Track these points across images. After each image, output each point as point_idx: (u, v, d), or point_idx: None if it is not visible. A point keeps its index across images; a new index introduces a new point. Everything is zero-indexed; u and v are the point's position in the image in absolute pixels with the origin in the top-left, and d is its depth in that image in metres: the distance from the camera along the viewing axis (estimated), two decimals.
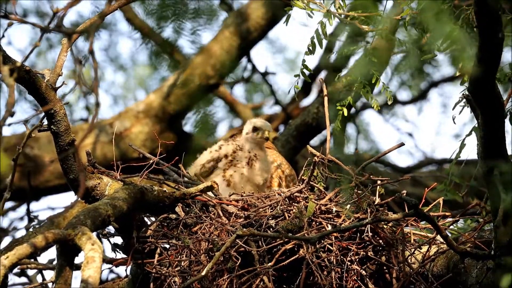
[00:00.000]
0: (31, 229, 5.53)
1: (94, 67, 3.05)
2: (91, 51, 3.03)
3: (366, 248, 3.93)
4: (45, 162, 6.94)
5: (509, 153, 3.63)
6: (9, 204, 6.95)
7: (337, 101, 4.37)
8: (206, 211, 4.05)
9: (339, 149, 4.92)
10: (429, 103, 8.13)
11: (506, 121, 3.64)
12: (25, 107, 7.51)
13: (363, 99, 4.89)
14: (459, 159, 4.49)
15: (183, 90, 6.94)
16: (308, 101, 7.86)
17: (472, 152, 4.08)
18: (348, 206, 4.00)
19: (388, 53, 4.57)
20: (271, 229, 3.94)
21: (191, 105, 7.01)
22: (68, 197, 7.66)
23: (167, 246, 4.00)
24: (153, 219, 4.07)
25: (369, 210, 3.97)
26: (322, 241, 3.90)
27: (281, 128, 7.54)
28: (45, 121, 3.88)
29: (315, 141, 7.19)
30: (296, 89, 4.33)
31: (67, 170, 3.94)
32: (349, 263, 3.90)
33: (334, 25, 4.29)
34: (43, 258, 5.31)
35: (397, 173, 7.52)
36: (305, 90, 7.77)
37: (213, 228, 3.97)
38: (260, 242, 3.88)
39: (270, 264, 3.83)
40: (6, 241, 6.00)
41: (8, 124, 5.74)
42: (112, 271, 5.93)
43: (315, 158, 4.11)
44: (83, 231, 3.32)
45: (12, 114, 2.99)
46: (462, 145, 4.43)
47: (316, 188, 4.12)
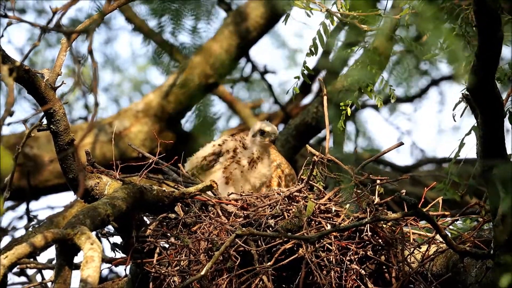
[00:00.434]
0: (31, 229, 5.54)
1: (94, 67, 3.04)
2: (90, 51, 3.02)
3: (366, 248, 3.93)
4: (45, 162, 6.94)
5: (509, 153, 3.63)
6: (9, 204, 6.95)
7: (337, 101, 4.37)
8: (206, 211, 4.04)
9: (339, 149, 4.92)
10: (428, 101, 8.14)
11: (506, 121, 3.64)
12: (25, 107, 7.51)
13: (361, 98, 4.89)
14: (458, 158, 4.49)
15: (183, 90, 6.93)
16: (308, 100, 7.87)
17: (471, 151, 4.08)
18: (348, 205, 4.00)
19: (388, 52, 4.57)
20: (271, 229, 3.94)
21: (191, 105, 7.00)
22: (68, 197, 7.69)
23: (167, 246, 4.00)
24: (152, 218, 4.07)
25: (369, 210, 3.97)
26: (322, 241, 3.90)
27: (281, 127, 7.53)
28: (45, 121, 3.87)
29: (314, 141, 7.19)
30: (295, 91, 4.33)
31: (67, 170, 3.94)
32: (349, 263, 3.90)
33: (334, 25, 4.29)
34: (43, 258, 5.32)
35: (396, 173, 7.52)
36: (305, 89, 7.78)
37: (213, 228, 3.97)
38: (260, 242, 3.87)
39: (270, 264, 3.83)
40: (6, 241, 6.01)
41: (8, 124, 5.73)
42: (112, 271, 5.95)
43: (314, 158, 4.11)
44: (82, 231, 3.31)
45: (12, 114, 2.98)
46: (462, 144, 4.43)
47: (316, 188, 4.12)
